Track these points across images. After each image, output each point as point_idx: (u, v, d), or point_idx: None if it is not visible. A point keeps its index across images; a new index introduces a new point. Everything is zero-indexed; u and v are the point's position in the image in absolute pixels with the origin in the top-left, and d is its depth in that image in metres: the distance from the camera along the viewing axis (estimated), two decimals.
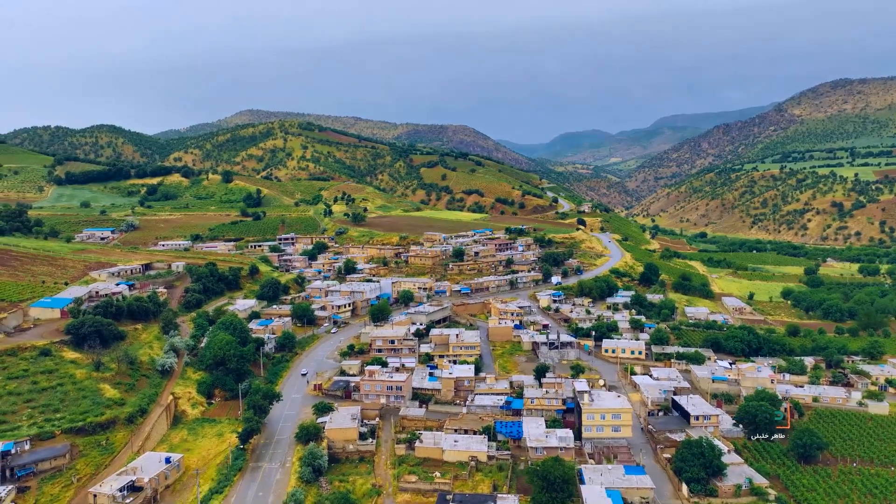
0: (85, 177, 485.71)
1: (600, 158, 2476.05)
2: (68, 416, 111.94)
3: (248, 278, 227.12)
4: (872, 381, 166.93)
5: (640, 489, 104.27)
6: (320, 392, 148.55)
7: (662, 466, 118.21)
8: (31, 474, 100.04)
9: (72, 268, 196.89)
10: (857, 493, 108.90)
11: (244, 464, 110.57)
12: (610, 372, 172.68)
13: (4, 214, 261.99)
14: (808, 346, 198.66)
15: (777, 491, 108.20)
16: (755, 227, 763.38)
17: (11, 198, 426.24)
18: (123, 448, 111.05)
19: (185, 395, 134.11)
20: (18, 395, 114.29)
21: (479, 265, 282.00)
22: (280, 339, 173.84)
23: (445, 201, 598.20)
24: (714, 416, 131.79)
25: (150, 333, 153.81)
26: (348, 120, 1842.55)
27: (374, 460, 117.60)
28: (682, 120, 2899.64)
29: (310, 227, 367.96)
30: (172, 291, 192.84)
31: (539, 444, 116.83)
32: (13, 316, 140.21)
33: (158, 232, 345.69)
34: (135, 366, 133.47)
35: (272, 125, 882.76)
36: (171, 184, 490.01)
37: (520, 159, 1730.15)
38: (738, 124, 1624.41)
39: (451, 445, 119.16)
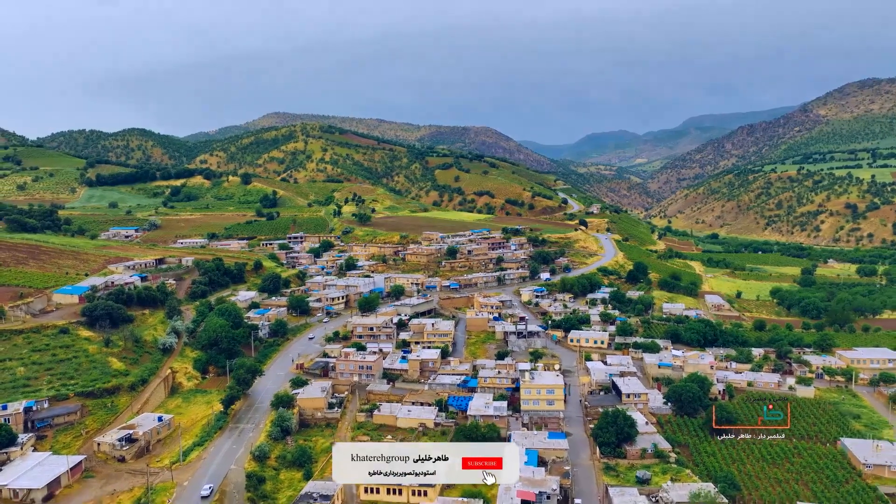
0: (114, 179, 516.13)
1: (625, 159, 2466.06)
2: (81, 382, 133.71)
3: (252, 273, 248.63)
4: (812, 369, 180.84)
5: (556, 450, 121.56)
6: (302, 371, 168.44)
7: (588, 435, 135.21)
8: (48, 426, 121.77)
9: (93, 261, 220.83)
10: (750, 459, 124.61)
11: (225, 424, 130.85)
12: (571, 359, 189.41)
13: (37, 214, 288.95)
14: (765, 339, 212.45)
15: (681, 455, 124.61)
16: (769, 229, 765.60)
17: (46, 198, 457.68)
18: (125, 410, 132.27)
19: (182, 369, 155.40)
20: (40, 365, 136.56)
21: (470, 262, 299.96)
22: (273, 326, 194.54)
23: (457, 202, 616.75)
24: (644, 395, 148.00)
25: (155, 318, 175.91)
26: (372, 122, 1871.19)
27: (337, 426, 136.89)
28: (711, 120, 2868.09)
29: (319, 227, 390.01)
30: (181, 283, 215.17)
31: (477, 413, 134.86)
32: (39, 300, 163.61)
33: (178, 231, 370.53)
34: (139, 344, 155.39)
35: (294, 128, 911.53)
36: (194, 185, 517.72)
37: (542, 160, 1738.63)
38: (763, 125, 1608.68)
39: (404, 414, 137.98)
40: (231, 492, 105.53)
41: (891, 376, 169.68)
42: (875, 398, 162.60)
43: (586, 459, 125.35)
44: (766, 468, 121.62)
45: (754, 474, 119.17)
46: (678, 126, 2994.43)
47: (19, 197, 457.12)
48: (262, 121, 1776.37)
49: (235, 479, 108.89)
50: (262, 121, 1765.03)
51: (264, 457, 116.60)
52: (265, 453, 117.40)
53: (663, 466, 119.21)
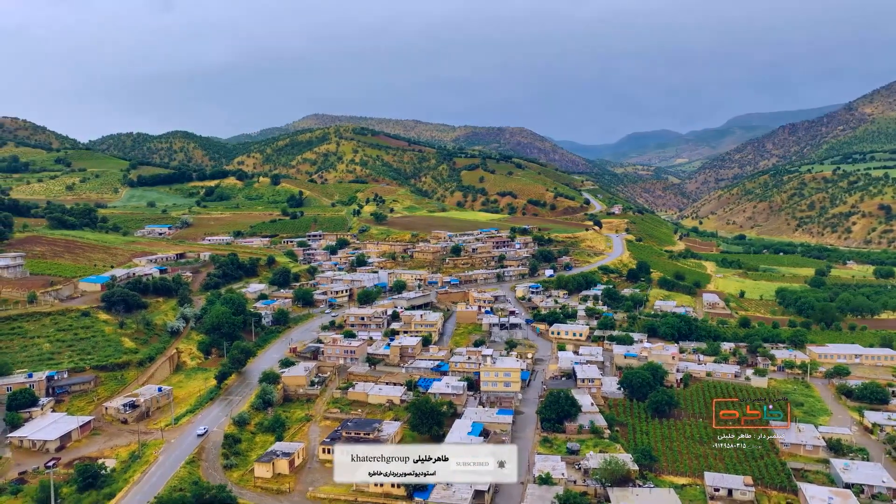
0: (153, 179, 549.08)
1: (666, 159, 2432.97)
2: (96, 357, 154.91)
3: (264, 267, 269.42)
4: (774, 362, 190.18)
5: (500, 424, 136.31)
6: (295, 354, 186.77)
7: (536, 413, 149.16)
8: (65, 393, 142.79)
9: (121, 255, 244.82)
10: (680, 438, 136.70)
11: (216, 396, 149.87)
12: (547, 349, 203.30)
13: (76, 212, 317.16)
14: (741, 335, 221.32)
15: (616, 433, 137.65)
16: (799, 230, 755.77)
17: (92, 198, 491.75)
18: (132, 382, 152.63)
19: (187, 350, 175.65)
20: (63, 342, 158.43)
21: (473, 260, 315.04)
22: (276, 315, 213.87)
23: (480, 202, 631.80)
24: (598, 380, 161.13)
25: (168, 305, 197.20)
26: (409, 123, 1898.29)
27: (316, 400, 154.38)
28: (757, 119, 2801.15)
29: (338, 226, 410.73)
30: (197, 276, 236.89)
31: (438, 391, 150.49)
32: (66, 288, 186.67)
33: (208, 228, 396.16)
34: (150, 327, 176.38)
35: (328, 130, 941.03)
36: (227, 186, 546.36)
37: (577, 161, 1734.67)
38: (805, 124, 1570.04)
39: (375, 391, 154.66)
40: (209, 448, 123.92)
41: (844, 369, 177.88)
42: (827, 389, 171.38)
43: (530, 433, 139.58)
44: (693, 445, 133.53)
45: (679, 450, 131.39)
46: (722, 125, 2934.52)
47: (67, 197, 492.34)
48: (301, 122, 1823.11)
49: (215, 440, 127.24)
50: (302, 122, 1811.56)
51: (244, 423, 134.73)
52: (245, 420, 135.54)
53: (596, 441, 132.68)
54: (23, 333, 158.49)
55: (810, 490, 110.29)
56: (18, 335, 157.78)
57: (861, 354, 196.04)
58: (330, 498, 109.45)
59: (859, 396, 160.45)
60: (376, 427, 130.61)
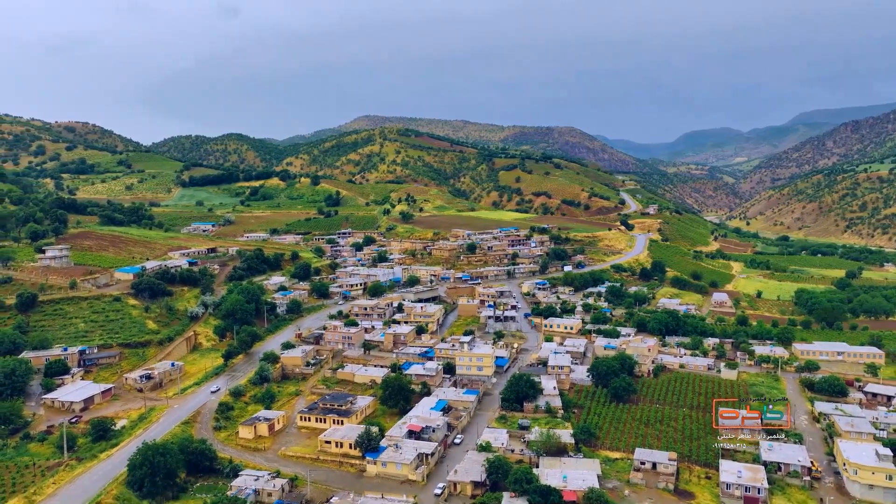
0: (204, 180, 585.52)
1: (723, 158, 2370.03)
2: (122, 336, 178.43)
3: (288, 261, 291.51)
4: (752, 357, 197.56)
5: (463, 402, 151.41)
6: (300, 339, 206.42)
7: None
8: (94, 365, 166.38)
9: (159, 249, 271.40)
10: (631, 420, 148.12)
11: (222, 372, 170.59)
12: (537, 340, 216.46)
13: (126, 210, 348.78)
14: (729, 331, 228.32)
15: (570, 413, 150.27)
16: (848, 232, 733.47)
17: (147, 197, 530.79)
18: (152, 358, 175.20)
19: (204, 333, 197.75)
20: (96, 322, 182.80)
21: (486, 258, 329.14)
22: (290, 305, 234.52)
23: (515, 202, 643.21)
24: (567, 367, 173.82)
25: (192, 293, 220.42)
26: (457, 123, 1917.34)
27: (308, 379, 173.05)
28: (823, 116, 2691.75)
29: (368, 224, 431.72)
30: (223, 269, 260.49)
31: (413, 373, 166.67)
32: (104, 277, 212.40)
33: (248, 226, 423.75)
34: (172, 311, 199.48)
35: (373, 132, 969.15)
36: (270, 186, 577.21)
37: (626, 160, 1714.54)
38: (870, 121, 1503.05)
39: (361, 372, 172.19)
40: (205, 413, 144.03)
41: (814, 364, 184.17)
42: (794, 382, 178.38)
43: (492, 412, 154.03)
44: (639, 426, 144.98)
45: (625, 430, 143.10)
46: (787, 122, 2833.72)
47: (125, 196, 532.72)
48: (353, 124, 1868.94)
49: (211, 407, 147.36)
50: (353, 124, 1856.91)
51: (239, 394, 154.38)
52: (241, 392, 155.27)
53: (549, 419, 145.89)
54: (63, 314, 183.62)
55: (726, 465, 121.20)
56: (60, 315, 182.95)
57: (844, 352, 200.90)
58: (297, 456, 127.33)
59: (820, 389, 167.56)
60: (349, 400, 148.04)
